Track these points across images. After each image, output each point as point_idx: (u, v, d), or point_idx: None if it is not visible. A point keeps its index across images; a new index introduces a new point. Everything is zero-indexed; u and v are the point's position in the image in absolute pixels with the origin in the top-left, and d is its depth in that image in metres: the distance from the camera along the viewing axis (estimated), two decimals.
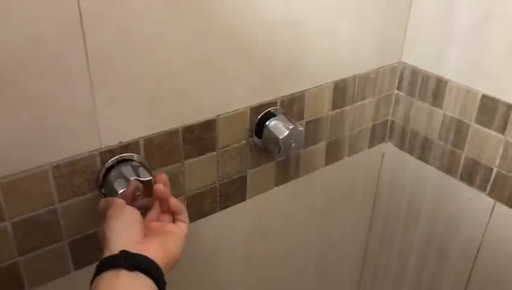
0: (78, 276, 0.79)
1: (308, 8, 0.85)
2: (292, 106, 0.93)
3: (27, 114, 0.63)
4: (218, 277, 1.01)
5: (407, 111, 1.09)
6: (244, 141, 0.89)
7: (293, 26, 0.84)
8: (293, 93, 0.91)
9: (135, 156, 0.76)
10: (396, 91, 1.10)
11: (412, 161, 1.12)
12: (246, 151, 0.90)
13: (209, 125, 0.82)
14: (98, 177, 0.74)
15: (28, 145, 0.65)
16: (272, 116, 0.89)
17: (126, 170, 0.73)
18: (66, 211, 0.73)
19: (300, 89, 0.92)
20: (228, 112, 0.84)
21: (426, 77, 1.03)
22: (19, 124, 0.63)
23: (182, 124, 0.79)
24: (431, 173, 1.08)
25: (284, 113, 0.91)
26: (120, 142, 0.74)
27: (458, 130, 1.00)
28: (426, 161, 1.09)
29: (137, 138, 0.75)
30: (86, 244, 0.78)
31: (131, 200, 0.69)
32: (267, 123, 0.88)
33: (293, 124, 0.86)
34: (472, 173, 1.00)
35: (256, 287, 1.10)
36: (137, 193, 0.71)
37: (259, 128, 0.89)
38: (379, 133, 1.14)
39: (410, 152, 1.12)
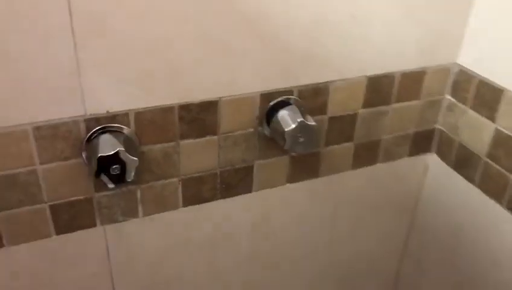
0: (60, 241, 0.78)
1: None
2: (313, 98, 0.84)
3: (4, 71, 0.62)
4: (216, 269, 0.96)
5: (457, 120, 0.95)
6: (251, 129, 0.82)
7: (317, 5, 0.75)
8: (313, 84, 0.82)
9: (125, 129, 0.73)
10: (447, 96, 0.96)
11: (457, 179, 0.97)
12: (253, 140, 0.83)
13: (210, 107, 0.77)
14: (82, 145, 0.72)
15: (7, 103, 0.64)
16: (286, 106, 0.81)
17: (110, 140, 0.71)
18: (47, 173, 0.72)
19: (323, 80, 0.83)
20: (233, 95, 0.77)
21: (482, 83, 0.88)
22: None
23: (178, 102, 0.74)
24: (476, 196, 0.93)
25: (301, 105, 0.82)
26: (107, 111, 0.71)
27: (510, 150, 0.84)
28: (472, 181, 0.94)
29: (127, 110, 0.72)
30: (69, 210, 0.76)
31: None
32: (277, 113, 0.80)
33: (304, 117, 0.78)
34: None
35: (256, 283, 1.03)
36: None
37: (270, 117, 0.81)
38: (423, 142, 1.00)
39: (456, 168, 0.97)
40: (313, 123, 0.78)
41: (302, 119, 0.77)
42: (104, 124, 0.71)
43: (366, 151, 0.95)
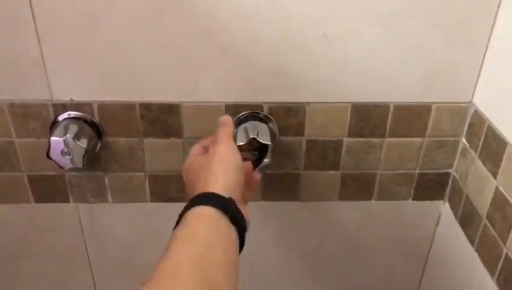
0: (38, 208, 0.88)
1: (306, 2, 0.70)
2: (286, 117, 0.80)
3: None
4: None
5: (467, 169, 0.81)
6: None
7: (282, 21, 0.71)
8: (286, 102, 0.78)
9: (89, 118, 0.79)
10: (463, 140, 0.82)
11: (461, 236, 0.83)
12: None
13: (172, 110, 0.78)
14: (51, 127, 0.79)
15: None
16: (253, 121, 0.79)
17: (70, 126, 0.77)
18: (23, 147, 0.81)
19: (297, 100, 0.78)
20: (195, 102, 0.78)
21: (490, 130, 0.74)
22: None
23: (138, 100, 0.77)
24: (474, 262, 0.79)
25: (271, 122, 0.79)
26: (71, 99, 0.77)
27: (506, 216, 0.70)
28: (472, 243, 0.80)
29: (90, 101, 0.77)
30: (44, 183, 0.85)
31: None
32: (239, 126, 0.78)
33: (257, 134, 0.74)
34: (509, 279, 0.69)
35: None
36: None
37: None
38: (433, 187, 0.88)
39: (461, 224, 0.83)
40: (267, 142, 0.74)
41: (254, 136, 0.74)
42: (71, 111, 0.78)
43: (357, 183, 0.87)
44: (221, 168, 0.57)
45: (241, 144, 0.73)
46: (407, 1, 0.71)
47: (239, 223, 0.53)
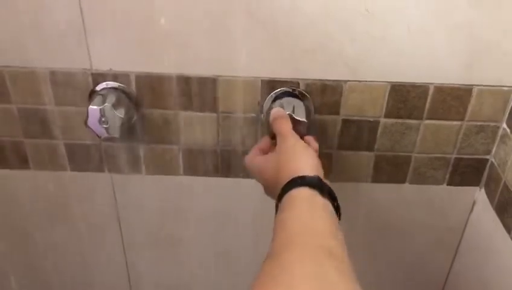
0: (74, 176, 0.90)
1: None
2: (322, 95, 0.79)
3: (24, 17, 0.74)
4: (220, 242, 0.98)
5: (507, 155, 0.79)
6: (253, 114, 0.81)
7: None
8: (323, 80, 0.77)
9: (126, 89, 0.80)
10: (504, 125, 0.80)
11: (497, 226, 0.81)
12: (255, 126, 0.82)
13: (208, 83, 0.78)
14: (90, 96, 0.81)
15: (27, 47, 0.76)
16: (289, 97, 0.78)
17: (109, 95, 0.78)
18: (61, 115, 0.83)
19: (334, 78, 0.77)
20: (231, 76, 0.78)
21: None
22: (19, 24, 0.74)
23: (175, 72, 0.78)
24: (509, 251, 0.77)
25: (307, 99, 0.78)
26: (110, 69, 0.78)
27: None
28: (509, 231, 0.78)
29: (128, 71, 0.78)
30: (80, 152, 0.87)
31: None
32: (274, 102, 0.78)
33: (293, 111, 0.74)
34: None
35: None
36: None
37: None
38: (469, 172, 0.86)
39: (497, 211, 0.81)
40: (302, 119, 0.74)
41: (290, 112, 0.74)
42: (109, 81, 0.79)
43: (391, 166, 0.86)
44: (303, 156, 0.63)
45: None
46: None
47: (333, 196, 0.59)
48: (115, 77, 0.79)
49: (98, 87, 0.79)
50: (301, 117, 0.74)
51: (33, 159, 0.88)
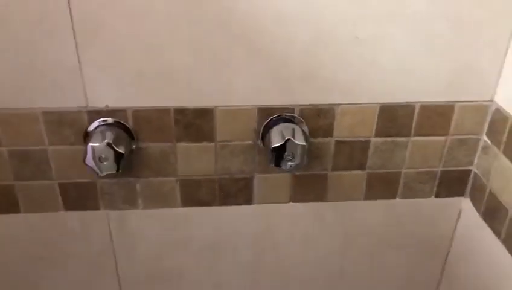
0: (68, 216, 0.88)
1: (338, 5, 0.73)
2: (316, 119, 0.82)
3: (17, 59, 0.73)
4: (216, 273, 0.98)
5: (490, 165, 0.84)
6: (250, 142, 0.83)
7: (316, 22, 0.74)
8: (317, 104, 0.81)
9: (123, 125, 0.80)
10: (484, 138, 0.86)
11: (485, 230, 0.86)
12: (252, 153, 0.84)
13: (205, 114, 0.80)
14: (85, 134, 0.80)
15: (18, 88, 0.75)
16: (285, 123, 0.81)
17: (105, 132, 0.78)
18: (55, 155, 0.81)
19: (328, 102, 0.81)
20: (229, 106, 0.79)
21: None
22: (10, 67, 0.73)
23: (173, 105, 0.79)
24: (500, 254, 0.82)
25: (302, 124, 0.81)
26: (107, 105, 0.78)
27: None
28: (498, 235, 0.83)
29: (125, 107, 0.78)
30: (75, 191, 0.85)
31: None
32: (271, 128, 0.80)
33: (293, 135, 0.77)
34: None
35: None
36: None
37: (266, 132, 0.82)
38: (455, 184, 0.91)
39: (485, 218, 0.86)
40: (302, 143, 0.76)
41: (290, 137, 0.76)
42: (105, 117, 0.79)
43: (382, 183, 0.90)
44: None
45: (277, 145, 0.76)
46: (434, 5, 0.74)
47: None
48: (111, 112, 0.79)
49: (94, 125, 0.79)
50: (300, 141, 0.77)
51: (24, 202, 0.85)
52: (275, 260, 0.97)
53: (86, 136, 0.79)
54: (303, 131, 0.80)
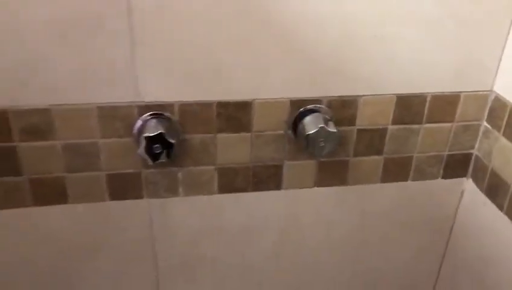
0: (112, 206, 0.94)
1: (361, 8, 0.83)
2: (341, 110, 0.92)
3: (75, 58, 0.80)
4: (247, 256, 1.06)
5: (491, 147, 0.96)
6: (281, 131, 0.92)
7: (342, 23, 0.84)
8: (342, 96, 0.91)
9: (170, 117, 0.87)
10: (484, 123, 0.98)
11: (488, 205, 0.98)
12: (282, 142, 0.93)
13: (244, 107, 0.89)
14: (134, 126, 0.87)
15: (76, 85, 0.82)
16: (314, 113, 0.90)
17: (156, 124, 0.85)
18: (105, 147, 0.88)
19: (352, 94, 0.91)
20: (265, 98, 0.89)
21: None
22: (68, 65, 0.80)
23: (217, 99, 0.87)
24: (504, 224, 0.94)
25: (328, 114, 0.91)
26: (156, 100, 0.86)
27: None
28: (501, 208, 0.94)
29: (173, 101, 0.86)
30: (121, 181, 0.92)
31: None
32: (303, 118, 0.90)
33: (326, 124, 0.86)
34: None
35: (283, 280, 1.11)
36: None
37: (298, 122, 0.91)
38: (459, 166, 1.03)
39: (488, 194, 0.98)
40: (334, 130, 0.86)
41: (323, 125, 0.86)
42: (154, 111, 0.86)
43: (396, 166, 1.00)
44: None
45: (312, 132, 0.86)
46: (442, 6, 0.86)
47: None
48: (160, 106, 0.86)
49: (145, 118, 0.86)
50: (333, 128, 0.87)
51: (72, 193, 0.91)
52: (301, 240, 1.06)
53: (139, 128, 0.87)
54: (328, 120, 0.90)
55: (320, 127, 0.86)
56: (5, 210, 0.91)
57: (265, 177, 0.97)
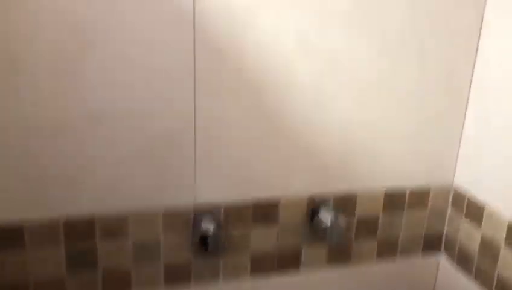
0: None
1: (359, 128, 1.15)
2: (345, 202, 1.20)
3: (146, 168, 1.05)
4: None
5: (458, 227, 1.26)
6: (300, 222, 1.18)
7: (343, 123, 1.15)
8: (345, 191, 1.19)
9: (217, 215, 1.12)
10: (450, 209, 1.28)
11: (460, 273, 1.25)
12: (302, 230, 1.19)
13: (274, 204, 1.15)
14: (190, 223, 1.11)
15: (151, 192, 1.06)
16: (325, 207, 1.18)
17: (208, 223, 1.09)
18: (165, 241, 1.10)
19: (353, 190, 1.20)
20: (289, 197, 1.15)
21: (470, 201, 1.20)
22: (148, 181, 1.05)
23: (253, 200, 1.13)
24: (472, 286, 1.21)
25: (335, 207, 1.19)
26: (208, 202, 1.10)
27: (491, 254, 1.14)
28: (470, 274, 1.22)
29: (220, 202, 1.11)
30: (174, 269, 1.13)
31: None
32: (318, 212, 1.17)
33: (335, 219, 1.13)
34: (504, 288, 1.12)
35: None
36: None
37: (314, 215, 1.18)
38: (434, 243, 1.31)
39: (459, 264, 1.26)
40: (343, 225, 1.13)
41: (335, 219, 1.13)
42: (212, 211, 1.11)
43: (387, 245, 1.27)
44: None
45: (327, 225, 1.12)
46: (415, 123, 1.18)
47: None
48: (209, 206, 1.11)
49: (199, 216, 1.10)
50: (342, 223, 1.14)
51: (136, 281, 1.11)
52: None
53: (193, 226, 1.10)
54: (338, 214, 1.18)
55: (332, 221, 1.13)
56: None
57: (288, 259, 1.21)
